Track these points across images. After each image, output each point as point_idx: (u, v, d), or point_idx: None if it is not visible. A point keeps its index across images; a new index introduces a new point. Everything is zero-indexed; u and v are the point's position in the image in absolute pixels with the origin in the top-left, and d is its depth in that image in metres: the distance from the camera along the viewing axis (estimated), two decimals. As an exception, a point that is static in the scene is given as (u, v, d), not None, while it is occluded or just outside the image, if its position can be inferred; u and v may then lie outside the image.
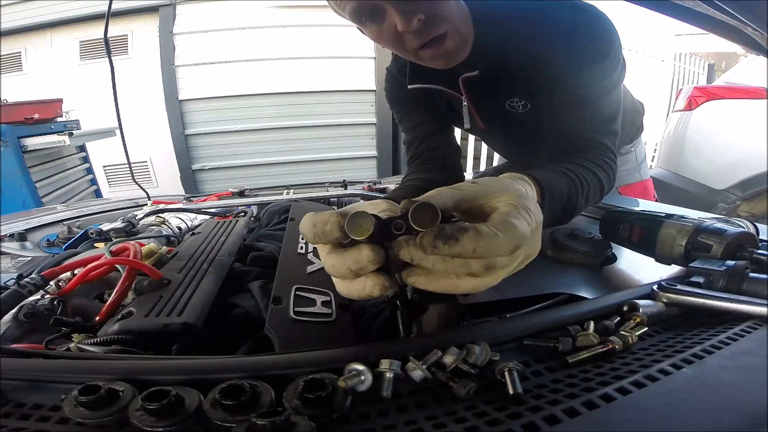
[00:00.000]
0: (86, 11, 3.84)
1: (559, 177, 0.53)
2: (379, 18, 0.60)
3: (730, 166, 2.40)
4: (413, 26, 0.57)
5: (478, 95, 0.76)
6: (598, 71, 0.63)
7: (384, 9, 0.58)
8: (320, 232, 0.31)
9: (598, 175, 0.61)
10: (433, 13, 0.59)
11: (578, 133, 0.65)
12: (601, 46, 0.63)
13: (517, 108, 0.74)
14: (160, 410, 0.26)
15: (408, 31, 0.58)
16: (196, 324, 0.43)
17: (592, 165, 0.61)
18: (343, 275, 0.32)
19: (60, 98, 3.04)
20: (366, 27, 0.62)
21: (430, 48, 0.62)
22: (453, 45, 0.63)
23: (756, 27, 0.50)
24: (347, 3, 0.59)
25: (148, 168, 4.35)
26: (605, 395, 0.28)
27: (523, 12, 0.66)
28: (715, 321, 0.38)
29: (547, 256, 0.61)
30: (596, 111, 0.65)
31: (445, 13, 0.60)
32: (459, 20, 0.63)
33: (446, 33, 0.61)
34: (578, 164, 0.60)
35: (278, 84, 4.15)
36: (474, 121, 0.82)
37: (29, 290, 0.51)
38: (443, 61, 0.65)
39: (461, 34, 0.64)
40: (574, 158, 0.62)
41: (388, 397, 0.29)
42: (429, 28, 0.59)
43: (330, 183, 1.44)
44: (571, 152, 0.64)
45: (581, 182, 0.56)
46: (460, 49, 0.66)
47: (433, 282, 0.32)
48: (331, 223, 0.31)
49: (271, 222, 0.88)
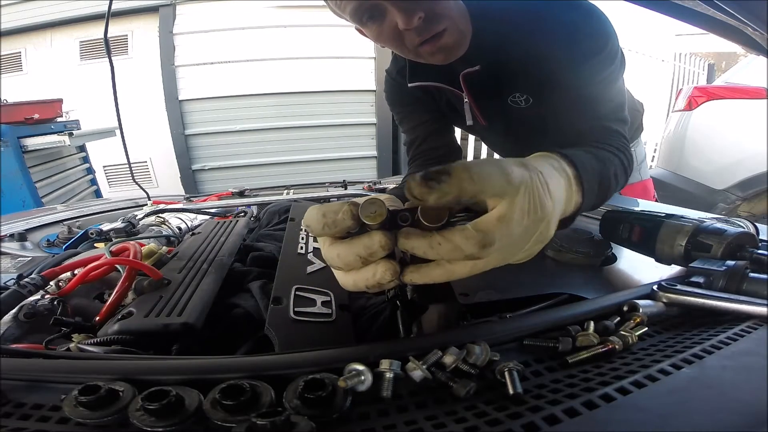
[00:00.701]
0: (86, 11, 3.84)
1: (589, 155, 0.50)
2: (380, 17, 0.61)
3: (730, 166, 2.40)
4: (414, 24, 0.58)
5: (479, 91, 0.76)
6: (598, 62, 0.64)
7: (384, 8, 0.59)
8: (331, 221, 0.31)
9: (619, 156, 0.59)
10: (433, 10, 0.60)
11: (589, 122, 0.64)
12: (599, 38, 0.64)
13: (519, 103, 0.74)
14: (160, 410, 0.26)
15: (409, 29, 0.59)
16: (196, 324, 0.43)
17: (611, 148, 0.59)
18: (350, 264, 0.32)
19: (60, 98, 3.04)
20: (366, 27, 0.63)
21: (429, 43, 0.63)
22: (451, 40, 0.64)
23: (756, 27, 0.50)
24: (347, 3, 0.59)
25: (148, 168, 4.35)
26: (605, 395, 0.28)
27: (520, 8, 0.67)
28: (715, 321, 0.38)
29: (547, 256, 0.61)
30: (603, 100, 0.65)
31: (443, 10, 0.61)
32: (457, 16, 0.64)
33: (445, 29, 0.62)
34: (599, 147, 0.57)
35: (278, 84, 4.14)
36: (475, 118, 0.82)
37: (29, 290, 0.51)
38: (442, 56, 0.66)
39: (460, 29, 0.65)
40: (591, 143, 0.59)
41: (388, 397, 0.29)
42: (429, 26, 0.60)
43: (330, 183, 1.45)
44: (585, 142, 0.62)
45: (608, 163, 0.54)
46: (459, 44, 0.67)
47: (427, 274, 0.32)
48: (344, 212, 0.30)
49: (271, 222, 0.88)
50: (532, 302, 0.45)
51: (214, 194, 1.32)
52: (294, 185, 1.44)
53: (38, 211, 1.16)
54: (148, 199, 1.15)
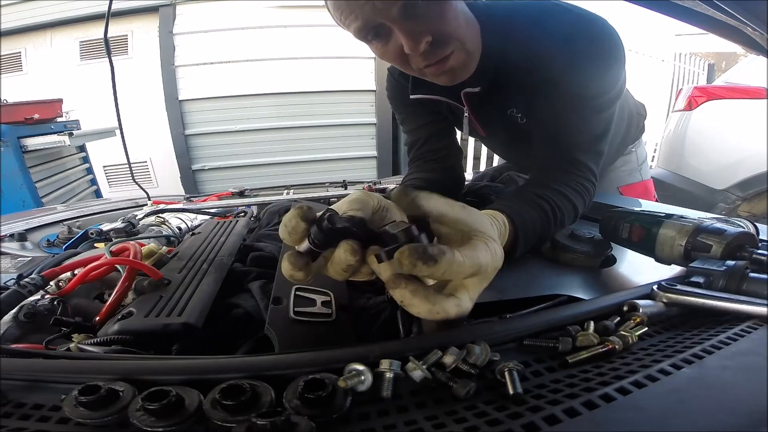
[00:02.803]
0: (86, 11, 3.84)
1: (534, 211, 0.55)
2: (384, 37, 0.58)
3: (730, 166, 2.40)
4: (421, 49, 0.56)
5: (480, 107, 0.76)
6: (594, 89, 0.63)
7: (390, 28, 0.57)
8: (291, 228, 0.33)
9: (574, 201, 0.61)
10: (441, 32, 0.57)
11: (563, 151, 0.65)
12: (603, 66, 0.62)
13: (517, 118, 0.74)
14: (160, 410, 0.26)
15: (414, 54, 0.57)
16: (196, 324, 0.43)
17: (568, 190, 0.61)
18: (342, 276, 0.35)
19: (60, 98, 3.04)
20: (370, 44, 0.61)
21: (434, 66, 0.61)
22: (457, 63, 0.61)
23: (756, 27, 0.50)
24: (352, 22, 0.57)
25: (148, 168, 4.35)
26: (605, 395, 0.28)
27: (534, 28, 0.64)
28: (715, 321, 0.38)
29: (546, 256, 0.61)
30: (585, 129, 0.65)
31: (453, 31, 0.58)
32: (467, 36, 0.61)
33: (452, 52, 0.60)
34: (556, 190, 0.60)
35: (278, 84, 4.14)
36: (475, 130, 0.82)
37: (29, 290, 0.51)
38: (447, 78, 0.64)
39: (467, 51, 0.62)
40: (552, 181, 0.62)
41: (388, 397, 0.29)
42: (435, 50, 0.58)
43: (330, 183, 1.45)
44: (552, 170, 0.64)
45: (554, 213, 0.57)
46: (466, 66, 0.64)
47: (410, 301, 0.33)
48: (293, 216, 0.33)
49: (271, 222, 0.88)
50: (532, 303, 0.45)
51: (214, 194, 1.32)
52: (294, 185, 1.44)
53: (38, 211, 1.16)
54: (148, 199, 1.15)
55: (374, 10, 0.54)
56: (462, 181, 0.91)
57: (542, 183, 0.62)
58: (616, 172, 1.10)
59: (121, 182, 4.20)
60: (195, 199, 1.29)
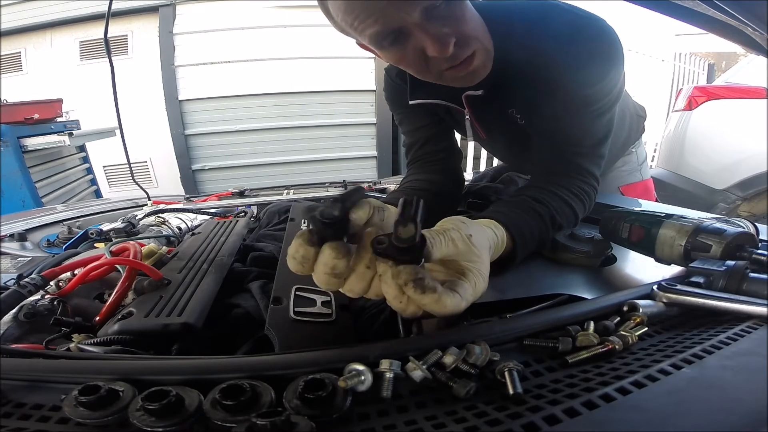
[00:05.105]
0: (86, 11, 3.83)
1: (532, 218, 0.55)
2: (404, 41, 0.55)
3: (730, 166, 2.40)
4: (450, 51, 0.53)
5: (481, 109, 0.75)
6: (594, 93, 0.62)
7: (409, 32, 0.54)
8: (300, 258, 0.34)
9: (574, 206, 0.61)
10: (462, 33, 0.55)
11: (564, 156, 0.65)
12: (603, 66, 0.61)
13: (517, 119, 0.74)
14: (160, 410, 0.26)
15: (439, 57, 0.54)
16: (196, 324, 0.43)
17: (569, 195, 0.62)
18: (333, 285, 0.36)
19: (60, 98, 3.03)
20: (385, 50, 0.58)
21: (456, 68, 0.58)
22: (479, 62, 0.59)
23: (756, 27, 0.50)
24: (368, 27, 0.53)
25: (148, 168, 4.34)
26: (605, 395, 0.28)
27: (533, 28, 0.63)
28: (715, 321, 0.38)
29: (546, 256, 0.61)
30: (586, 133, 0.64)
31: (472, 30, 0.56)
32: (484, 36, 0.60)
33: (474, 51, 0.57)
34: (556, 194, 0.61)
35: (278, 84, 4.14)
36: (475, 132, 0.82)
37: (29, 290, 0.51)
38: (468, 80, 0.62)
39: (486, 49, 0.60)
40: (553, 185, 0.62)
41: (388, 397, 0.29)
42: (459, 51, 0.55)
43: (330, 183, 1.45)
44: (553, 175, 0.64)
45: (553, 219, 0.58)
46: (486, 66, 0.63)
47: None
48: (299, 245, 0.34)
49: (271, 222, 0.88)
50: (532, 302, 0.45)
51: (214, 194, 1.32)
52: (294, 185, 1.43)
53: (38, 211, 1.16)
54: (148, 199, 1.15)
55: (395, 14, 0.51)
56: (462, 182, 0.91)
57: (542, 187, 0.62)
58: (617, 171, 1.10)
59: (121, 182, 4.19)
60: (195, 199, 1.29)
